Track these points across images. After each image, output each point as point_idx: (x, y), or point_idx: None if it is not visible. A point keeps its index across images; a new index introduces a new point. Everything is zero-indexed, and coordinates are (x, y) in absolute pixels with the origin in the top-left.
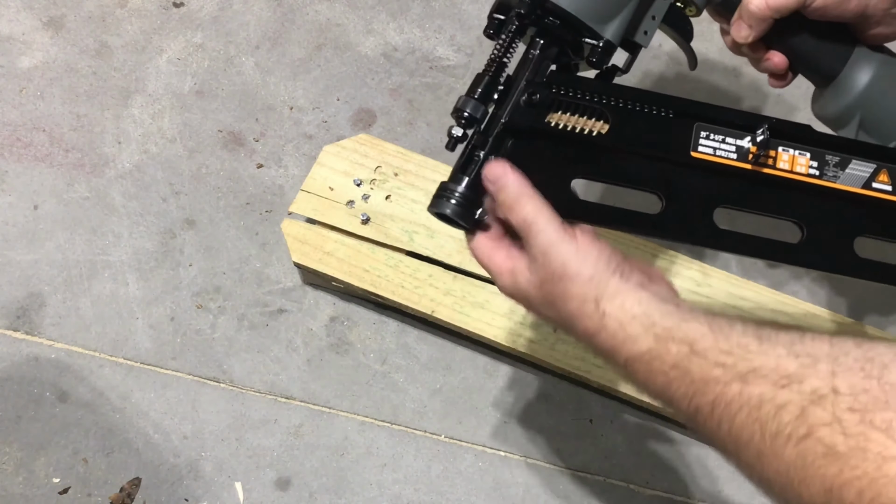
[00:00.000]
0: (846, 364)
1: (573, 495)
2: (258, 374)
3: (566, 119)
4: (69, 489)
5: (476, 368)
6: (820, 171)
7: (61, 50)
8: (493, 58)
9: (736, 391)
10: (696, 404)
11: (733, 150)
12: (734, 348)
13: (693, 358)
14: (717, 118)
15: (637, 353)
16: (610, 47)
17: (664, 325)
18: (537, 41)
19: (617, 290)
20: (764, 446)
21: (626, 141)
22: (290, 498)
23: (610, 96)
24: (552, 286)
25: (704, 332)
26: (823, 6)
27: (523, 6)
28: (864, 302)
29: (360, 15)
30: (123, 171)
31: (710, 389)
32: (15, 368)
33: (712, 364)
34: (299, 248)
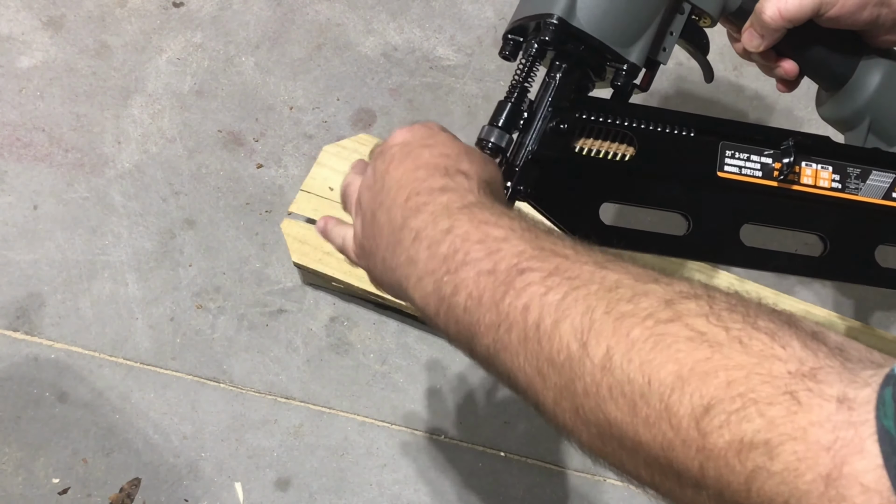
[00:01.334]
0: (714, 287)
1: (573, 495)
2: (258, 375)
3: (592, 144)
4: (69, 489)
5: (476, 368)
6: (842, 184)
7: (61, 50)
8: (515, 83)
9: (588, 270)
10: (528, 266)
11: (758, 167)
12: (595, 250)
13: (550, 235)
14: (740, 135)
15: (487, 204)
16: (634, 70)
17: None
18: (559, 65)
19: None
20: (602, 322)
21: (654, 164)
22: (290, 498)
23: (633, 118)
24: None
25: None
26: (837, 16)
27: (548, 32)
28: (865, 301)
29: (360, 15)
30: (123, 171)
31: (555, 260)
32: (15, 368)
33: (568, 245)
34: (299, 248)
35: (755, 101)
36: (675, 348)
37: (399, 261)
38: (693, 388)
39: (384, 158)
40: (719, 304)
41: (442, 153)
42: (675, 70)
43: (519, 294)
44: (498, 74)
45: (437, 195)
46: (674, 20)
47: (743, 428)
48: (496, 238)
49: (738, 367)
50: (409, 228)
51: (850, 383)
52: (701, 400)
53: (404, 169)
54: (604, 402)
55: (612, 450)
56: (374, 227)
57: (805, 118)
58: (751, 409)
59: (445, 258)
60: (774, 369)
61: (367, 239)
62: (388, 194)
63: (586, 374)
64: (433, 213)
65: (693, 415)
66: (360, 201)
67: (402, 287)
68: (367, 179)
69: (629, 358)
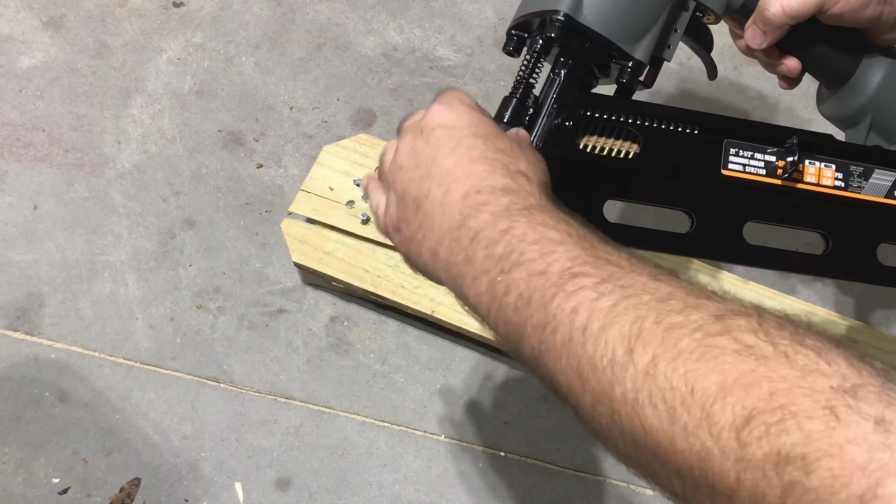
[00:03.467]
0: (764, 307)
1: (573, 495)
2: (258, 374)
3: (598, 142)
4: (69, 489)
5: (476, 368)
6: (845, 183)
7: (61, 50)
8: (520, 79)
9: (641, 280)
10: (582, 271)
11: (762, 165)
12: (649, 263)
13: (605, 244)
14: (744, 133)
15: (548, 207)
16: (640, 67)
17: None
18: (565, 61)
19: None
20: (651, 331)
21: (659, 162)
22: (290, 498)
23: (638, 115)
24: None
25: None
26: (840, 13)
27: (554, 29)
28: (866, 301)
29: (360, 15)
30: (123, 171)
31: (609, 268)
32: (15, 368)
33: (624, 256)
34: (299, 248)
35: (756, 100)
36: (722, 360)
37: (457, 258)
38: (735, 399)
39: (428, 141)
40: (769, 321)
41: (497, 147)
42: (678, 69)
43: (569, 297)
44: (498, 74)
45: (499, 196)
46: (679, 17)
47: (781, 440)
48: (552, 240)
49: (781, 379)
50: (469, 228)
51: (889, 405)
52: (742, 410)
53: (457, 160)
54: (641, 408)
55: (645, 459)
56: (418, 215)
57: (807, 118)
58: (790, 421)
59: (500, 258)
60: (817, 383)
61: (405, 223)
62: (438, 185)
63: (627, 380)
64: (493, 214)
65: (734, 425)
66: (393, 181)
67: (456, 284)
68: (403, 157)
69: (674, 366)
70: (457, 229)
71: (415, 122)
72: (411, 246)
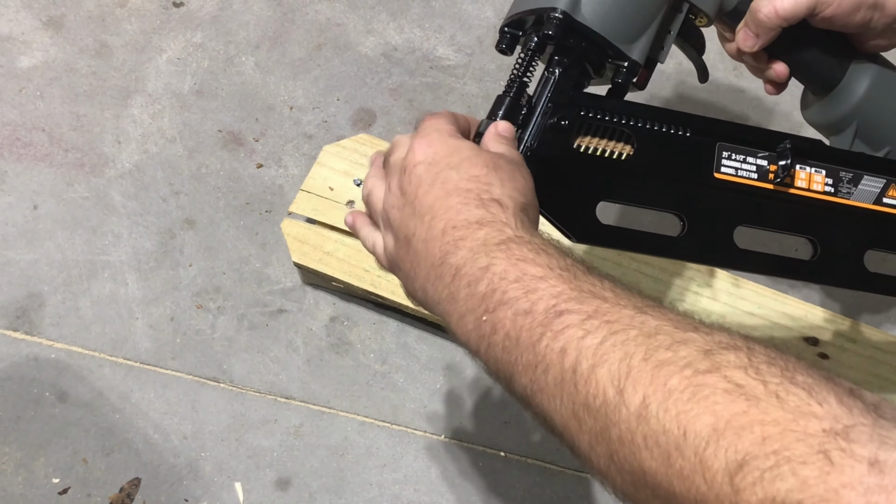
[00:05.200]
0: (753, 338)
1: (573, 495)
2: (258, 374)
3: (591, 142)
4: (69, 489)
5: (476, 368)
6: (835, 189)
7: (61, 50)
8: (514, 77)
9: (627, 314)
10: (567, 308)
11: (754, 169)
12: (635, 293)
13: (589, 274)
14: (736, 136)
15: (526, 238)
16: (635, 68)
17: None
18: (560, 60)
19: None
20: (640, 370)
21: (652, 164)
22: (290, 498)
23: (631, 117)
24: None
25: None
26: (832, 16)
27: (551, 26)
28: (860, 301)
29: (360, 15)
30: (123, 171)
31: (594, 302)
32: (15, 368)
33: (608, 287)
34: (299, 248)
35: (755, 102)
36: (713, 400)
37: (441, 296)
38: (728, 443)
39: (410, 179)
40: (758, 356)
41: (471, 175)
42: (676, 71)
43: (556, 336)
44: (498, 74)
45: (474, 229)
46: (673, 19)
47: (776, 486)
48: (533, 276)
49: (773, 422)
50: (449, 265)
51: (882, 445)
52: (735, 455)
53: (435, 195)
54: (638, 450)
55: (645, 497)
56: (409, 253)
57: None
58: (784, 467)
59: (483, 297)
60: (810, 427)
61: (402, 261)
62: (420, 222)
63: (622, 422)
64: (471, 250)
65: (727, 470)
66: (388, 219)
67: (445, 321)
68: (393, 198)
69: (665, 408)
70: (438, 266)
71: (398, 160)
72: (408, 283)
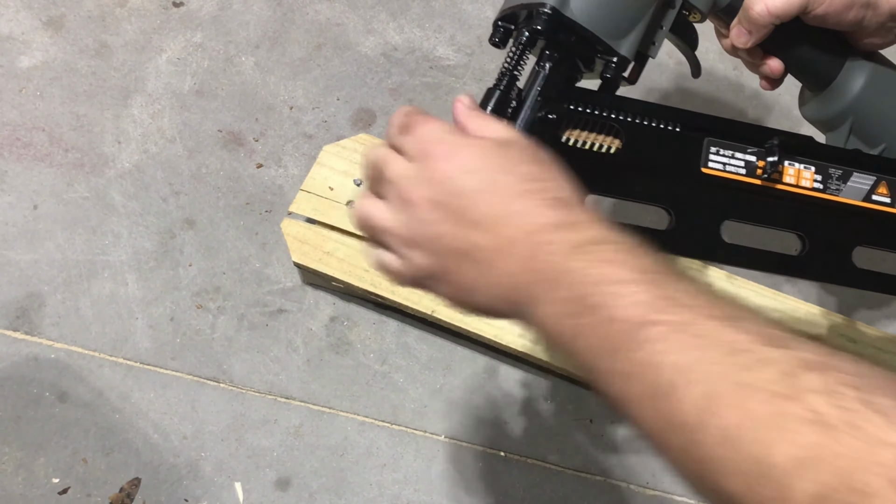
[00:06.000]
0: (839, 354)
1: (573, 495)
2: (258, 374)
3: (580, 135)
4: (69, 489)
5: (476, 368)
6: (824, 185)
7: (61, 50)
8: (504, 71)
9: (714, 327)
10: (653, 319)
11: (742, 165)
12: (722, 301)
13: (678, 279)
14: (725, 131)
15: (608, 238)
16: (624, 63)
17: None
18: (550, 54)
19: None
20: (724, 392)
21: (640, 158)
22: (290, 498)
23: (621, 111)
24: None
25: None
26: (824, 14)
27: (540, 21)
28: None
29: (360, 14)
30: (123, 171)
31: (681, 312)
32: (14, 368)
33: (696, 291)
34: (299, 248)
35: (754, 99)
36: (793, 429)
37: (524, 301)
38: (809, 475)
39: (449, 189)
40: (840, 376)
41: (523, 176)
42: (676, 67)
43: (642, 348)
44: None
45: (550, 233)
46: (665, 14)
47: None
48: (621, 281)
49: (849, 454)
50: (532, 271)
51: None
52: (816, 487)
53: (490, 202)
54: (722, 474)
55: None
56: (467, 265)
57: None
58: (863, 501)
59: (571, 302)
60: (885, 457)
61: (449, 275)
62: (484, 232)
63: (706, 444)
64: (552, 253)
65: (810, 503)
66: (414, 236)
67: (528, 324)
68: (422, 212)
69: (747, 435)
70: (520, 273)
71: (406, 174)
72: (463, 295)
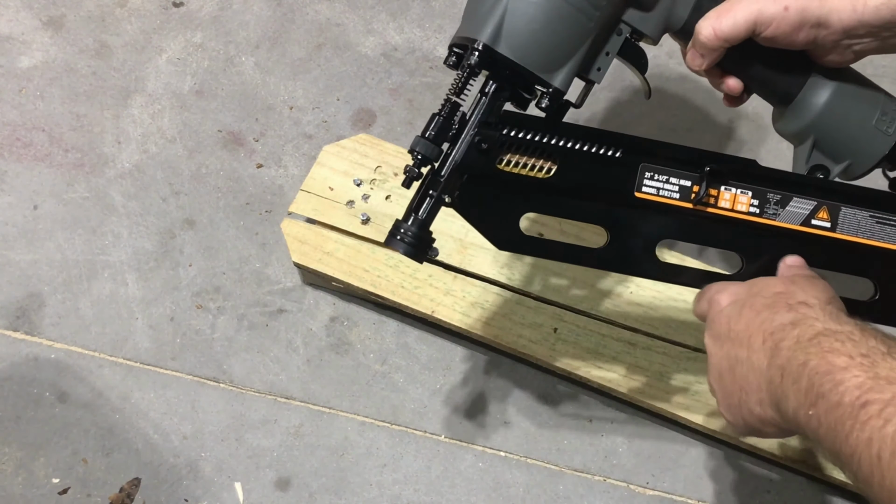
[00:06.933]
0: None
1: (573, 495)
2: (258, 375)
3: (516, 159)
4: (69, 489)
5: (476, 368)
6: (760, 210)
7: (61, 50)
8: (447, 98)
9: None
10: (867, 399)
11: (676, 189)
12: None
13: (887, 357)
14: (663, 156)
15: (833, 329)
16: (558, 94)
17: (871, 327)
18: (490, 83)
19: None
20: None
21: (573, 182)
22: (290, 498)
23: (560, 137)
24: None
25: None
26: (773, 36)
27: (474, 57)
28: None
29: (360, 15)
30: (123, 171)
31: (891, 389)
32: (14, 368)
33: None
34: (299, 248)
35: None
36: None
37: (777, 397)
38: None
39: (719, 322)
40: None
41: (774, 293)
42: (681, 80)
43: (863, 427)
44: None
45: (789, 330)
46: (609, 41)
47: None
48: (840, 367)
49: None
50: (776, 367)
51: None
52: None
53: (746, 319)
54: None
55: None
56: (735, 377)
57: None
58: None
59: (806, 392)
60: None
61: (727, 391)
62: (741, 346)
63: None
64: (790, 349)
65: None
66: (711, 373)
67: (787, 419)
68: (708, 347)
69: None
70: (767, 370)
71: (709, 321)
72: (739, 411)
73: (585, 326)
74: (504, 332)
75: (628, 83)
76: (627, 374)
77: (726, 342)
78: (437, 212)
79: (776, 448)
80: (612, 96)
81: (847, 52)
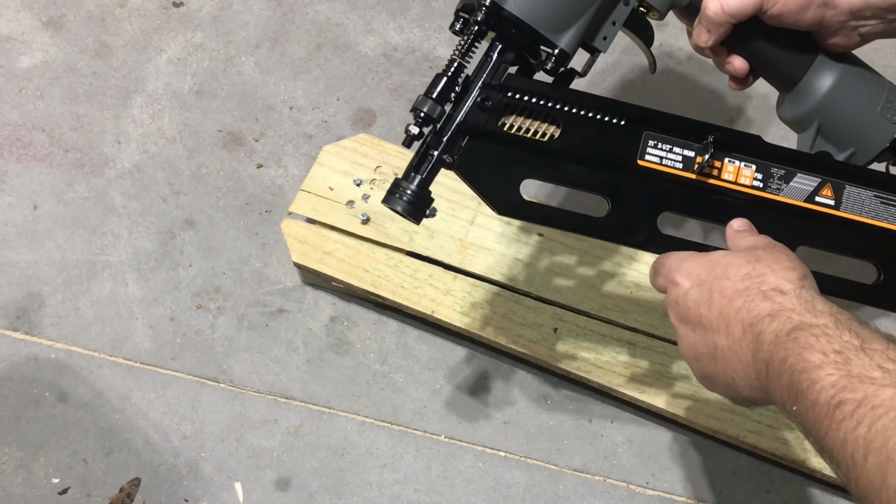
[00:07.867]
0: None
1: (573, 495)
2: (258, 375)
3: (519, 122)
4: (69, 489)
5: (476, 368)
6: (764, 184)
7: (61, 50)
8: (452, 59)
9: (888, 395)
10: (841, 399)
11: (680, 159)
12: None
13: (860, 353)
14: (667, 126)
15: (808, 323)
16: (564, 56)
17: (847, 316)
18: (496, 44)
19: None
20: (894, 454)
21: (576, 147)
22: (290, 498)
23: (564, 102)
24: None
25: (878, 337)
26: (780, 14)
27: (479, 14)
28: None
29: (360, 15)
30: (123, 171)
31: (862, 388)
32: (14, 368)
33: (875, 365)
34: (299, 248)
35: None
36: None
37: (766, 389)
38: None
39: (687, 306)
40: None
41: (741, 276)
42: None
43: (838, 428)
44: None
45: (767, 322)
46: (615, 9)
47: None
48: (815, 366)
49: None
50: (761, 360)
51: None
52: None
53: (718, 306)
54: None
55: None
56: (719, 363)
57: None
58: None
59: (788, 389)
60: None
61: (715, 375)
62: (717, 334)
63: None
64: (771, 343)
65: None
66: (684, 354)
67: (776, 405)
68: (679, 330)
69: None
70: (752, 363)
71: (669, 299)
72: (726, 390)
73: (585, 326)
74: (504, 332)
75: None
76: (627, 375)
77: (698, 328)
78: (436, 172)
79: (776, 448)
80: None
81: (853, 34)
